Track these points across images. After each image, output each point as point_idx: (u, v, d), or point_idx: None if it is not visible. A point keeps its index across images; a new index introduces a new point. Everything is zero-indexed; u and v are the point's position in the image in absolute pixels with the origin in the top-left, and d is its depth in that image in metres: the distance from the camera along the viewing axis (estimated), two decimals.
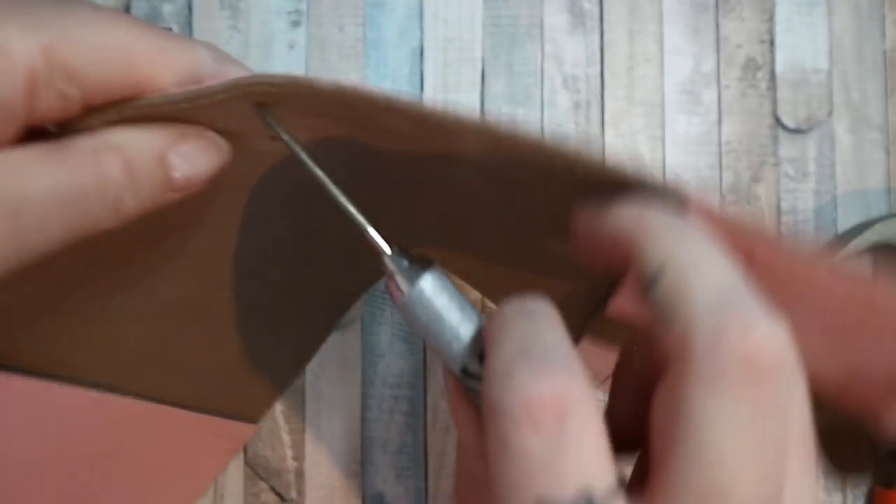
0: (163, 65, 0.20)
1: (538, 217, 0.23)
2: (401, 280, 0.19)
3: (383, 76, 0.42)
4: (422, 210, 0.26)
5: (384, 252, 0.20)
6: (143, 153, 0.20)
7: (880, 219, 0.41)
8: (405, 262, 0.19)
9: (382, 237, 0.20)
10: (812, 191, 0.42)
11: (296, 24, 0.42)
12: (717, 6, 0.43)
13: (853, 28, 0.42)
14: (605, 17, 0.42)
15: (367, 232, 0.20)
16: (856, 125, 0.42)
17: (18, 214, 0.18)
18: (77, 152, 0.19)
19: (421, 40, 0.42)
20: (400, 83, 0.42)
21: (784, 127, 0.42)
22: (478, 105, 0.42)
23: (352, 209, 0.20)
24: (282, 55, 0.42)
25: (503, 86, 0.42)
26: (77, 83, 0.18)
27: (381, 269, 0.20)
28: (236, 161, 0.22)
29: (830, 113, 0.42)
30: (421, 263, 0.19)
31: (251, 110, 0.21)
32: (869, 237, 0.40)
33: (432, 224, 0.27)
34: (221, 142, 0.22)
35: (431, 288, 0.19)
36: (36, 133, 0.19)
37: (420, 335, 0.19)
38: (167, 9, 0.42)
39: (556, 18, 0.42)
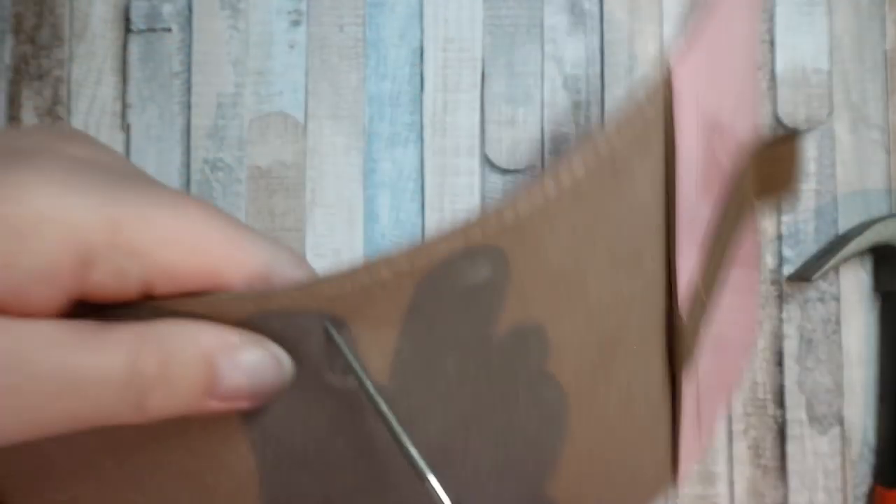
0: (235, 258, 0.18)
1: None
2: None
3: (383, 76, 0.42)
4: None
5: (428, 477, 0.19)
6: (188, 350, 0.17)
7: (881, 219, 0.41)
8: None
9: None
10: (812, 191, 0.42)
11: (296, 23, 0.42)
12: None
13: (853, 28, 0.42)
14: (605, 17, 0.42)
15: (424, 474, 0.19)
16: (856, 125, 0.42)
17: (17, 390, 0.16)
18: (115, 334, 0.17)
19: (421, 40, 0.42)
20: (400, 83, 0.42)
21: (784, 127, 0.42)
22: (478, 105, 0.42)
23: (418, 458, 0.19)
24: (282, 55, 0.42)
25: (503, 86, 0.42)
26: (140, 262, 0.17)
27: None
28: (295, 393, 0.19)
29: (830, 113, 0.42)
30: None
31: (319, 324, 0.18)
32: (869, 237, 0.40)
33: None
34: (286, 360, 0.18)
35: None
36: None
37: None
38: (167, 9, 0.42)
39: (556, 18, 0.42)
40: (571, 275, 0.22)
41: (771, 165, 0.31)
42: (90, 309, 0.17)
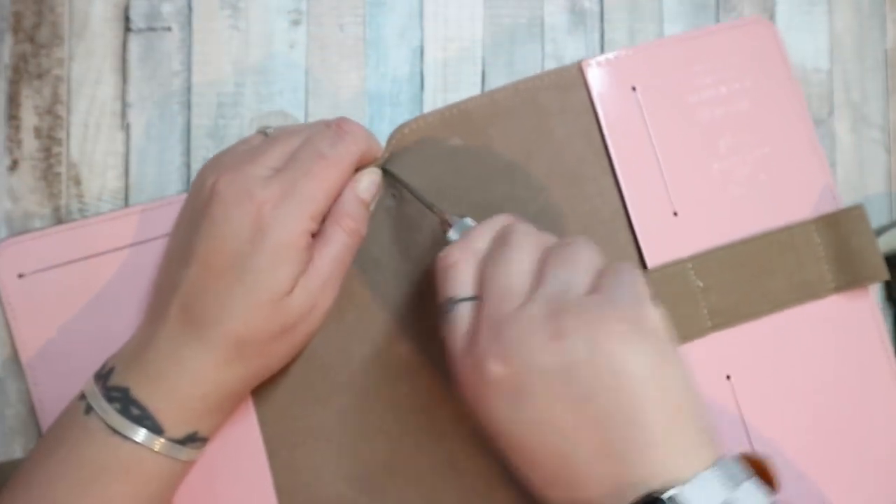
0: (350, 171, 0.36)
1: None
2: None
3: (383, 76, 0.42)
4: None
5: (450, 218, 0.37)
6: (350, 203, 0.36)
7: (887, 227, 0.40)
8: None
9: None
10: None
11: (296, 23, 0.42)
12: (717, 5, 0.43)
13: (854, 27, 0.42)
14: (606, 16, 0.42)
15: (439, 211, 0.37)
16: (856, 124, 0.42)
17: (332, 282, 0.36)
18: (332, 234, 0.36)
19: (421, 40, 0.42)
20: (400, 83, 0.42)
21: None
22: None
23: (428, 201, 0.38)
24: (282, 55, 0.42)
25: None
26: (319, 219, 0.35)
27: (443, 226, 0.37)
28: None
29: (831, 112, 0.42)
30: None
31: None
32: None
33: None
34: (376, 171, 0.38)
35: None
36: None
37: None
38: (167, 8, 0.42)
39: (556, 18, 0.42)
40: (519, 166, 0.39)
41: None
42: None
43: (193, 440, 0.35)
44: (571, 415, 0.29)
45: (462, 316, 0.32)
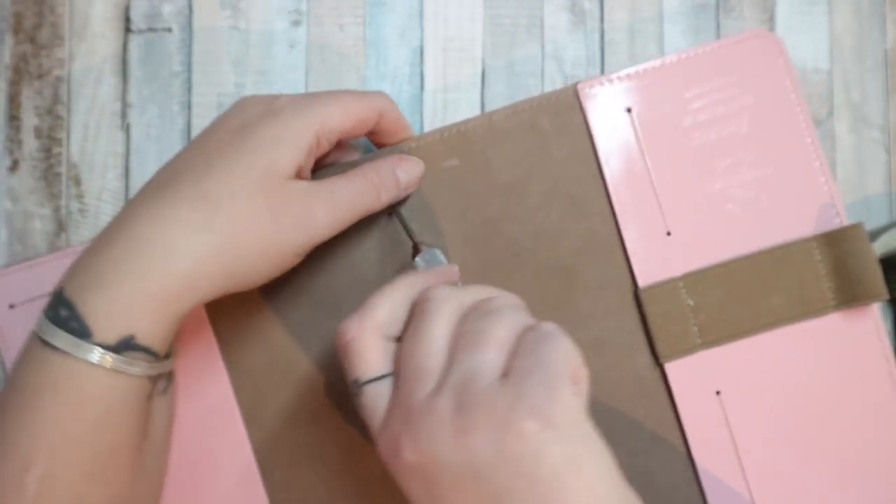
0: (370, 112, 0.36)
1: None
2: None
3: (383, 76, 0.42)
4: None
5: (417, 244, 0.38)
6: (385, 168, 0.36)
7: (886, 228, 0.40)
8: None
9: None
10: None
11: (296, 23, 0.42)
12: (717, 6, 0.43)
13: (854, 27, 0.42)
14: (606, 16, 0.42)
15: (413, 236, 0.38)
16: (856, 125, 0.42)
17: (335, 204, 0.34)
18: (356, 175, 0.35)
19: (421, 40, 0.42)
20: (400, 83, 0.42)
21: None
22: (478, 105, 0.42)
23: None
24: (282, 55, 0.42)
25: (503, 85, 0.42)
26: (333, 138, 0.35)
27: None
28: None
29: (831, 112, 0.42)
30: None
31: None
32: (877, 249, 0.39)
33: None
34: (421, 163, 0.38)
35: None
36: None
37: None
38: (167, 8, 0.42)
39: (556, 18, 0.42)
40: (516, 187, 0.40)
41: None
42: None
43: (129, 347, 0.30)
44: None
45: (372, 397, 0.31)
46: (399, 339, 0.32)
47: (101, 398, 0.31)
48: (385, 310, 0.32)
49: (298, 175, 0.34)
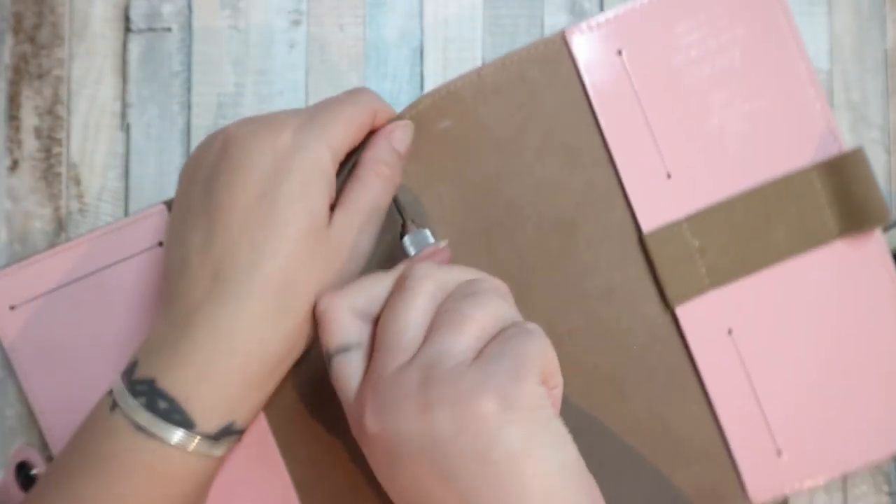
0: (367, 117, 0.35)
1: None
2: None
3: (383, 76, 0.42)
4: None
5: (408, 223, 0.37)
6: (384, 150, 0.35)
7: (886, 228, 0.40)
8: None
9: None
10: None
11: (296, 23, 0.42)
12: None
13: (854, 27, 0.42)
14: None
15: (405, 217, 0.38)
16: (856, 124, 0.42)
17: (368, 219, 0.34)
18: (368, 175, 0.35)
19: (421, 40, 0.42)
20: (400, 83, 0.42)
21: None
22: None
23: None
24: (282, 55, 0.42)
25: None
26: (343, 155, 0.34)
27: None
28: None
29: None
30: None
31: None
32: None
33: None
34: (410, 123, 0.37)
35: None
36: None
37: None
38: (167, 8, 0.42)
39: (556, 18, 0.42)
40: (511, 142, 0.39)
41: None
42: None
43: (229, 433, 0.32)
44: (440, 488, 0.28)
45: (343, 369, 0.31)
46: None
47: (191, 478, 0.32)
48: (363, 285, 0.32)
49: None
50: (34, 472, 0.38)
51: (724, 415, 0.39)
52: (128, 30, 0.42)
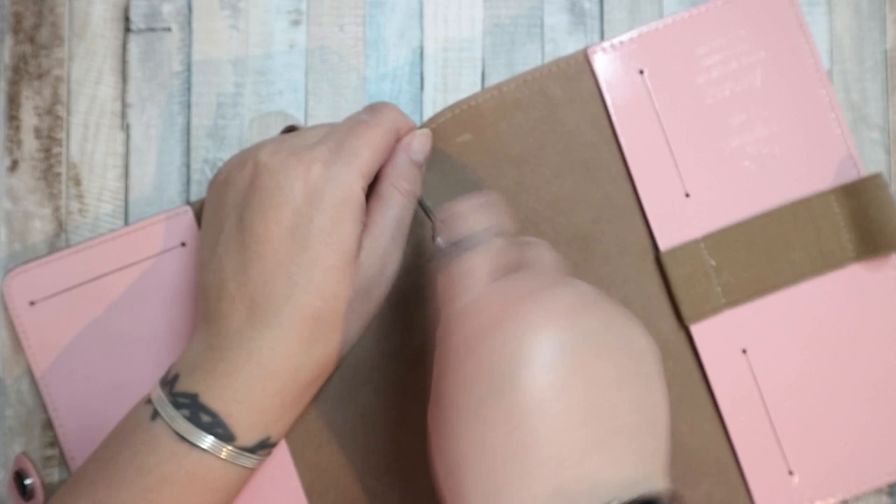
0: (392, 137, 0.36)
1: None
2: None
3: (383, 76, 0.42)
4: None
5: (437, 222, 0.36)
6: (404, 165, 0.36)
7: None
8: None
9: None
10: None
11: (296, 23, 0.42)
12: None
13: (853, 27, 0.42)
14: (606, 17, 0.42)
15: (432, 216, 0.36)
16: (856, 125, 0.42)
17: (394, 240, 0.35)
18: (390, 192, 0.35)
19: (421, 40, 0.42)
20: (400, 83, 0.42)
21: None
22: None
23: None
24: (282, 55, 0.42)
25: None
26: (372, 175, 0.35)
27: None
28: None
29: None
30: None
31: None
32: None
33: None
34: (427, 132, 0.38)
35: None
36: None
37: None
38: (167, 8, 0.42)
39: (556, 18, 0.42)
40: (530, 157, 0.40)
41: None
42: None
43: (264, 446, 0.34)
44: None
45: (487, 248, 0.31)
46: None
47: (225, 487, 0.34)
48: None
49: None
50: (28, 481, 0.38)
51: (735, 433, 0.39)
52: (127, 30, 0.42)
